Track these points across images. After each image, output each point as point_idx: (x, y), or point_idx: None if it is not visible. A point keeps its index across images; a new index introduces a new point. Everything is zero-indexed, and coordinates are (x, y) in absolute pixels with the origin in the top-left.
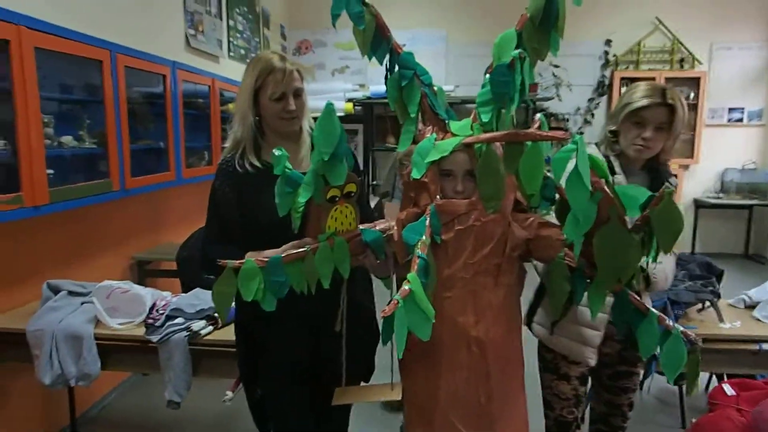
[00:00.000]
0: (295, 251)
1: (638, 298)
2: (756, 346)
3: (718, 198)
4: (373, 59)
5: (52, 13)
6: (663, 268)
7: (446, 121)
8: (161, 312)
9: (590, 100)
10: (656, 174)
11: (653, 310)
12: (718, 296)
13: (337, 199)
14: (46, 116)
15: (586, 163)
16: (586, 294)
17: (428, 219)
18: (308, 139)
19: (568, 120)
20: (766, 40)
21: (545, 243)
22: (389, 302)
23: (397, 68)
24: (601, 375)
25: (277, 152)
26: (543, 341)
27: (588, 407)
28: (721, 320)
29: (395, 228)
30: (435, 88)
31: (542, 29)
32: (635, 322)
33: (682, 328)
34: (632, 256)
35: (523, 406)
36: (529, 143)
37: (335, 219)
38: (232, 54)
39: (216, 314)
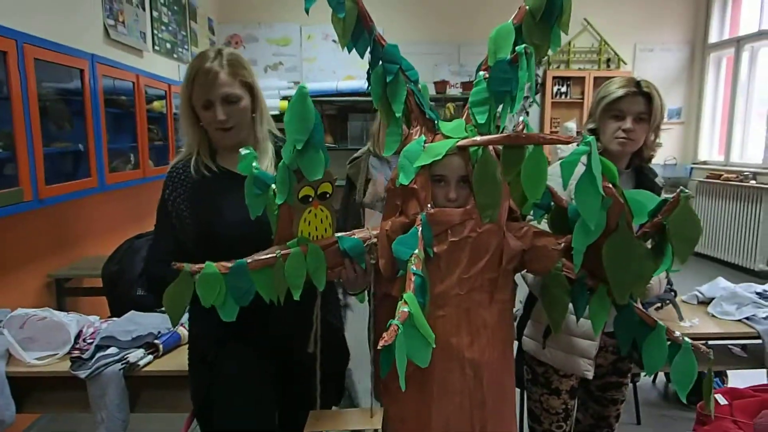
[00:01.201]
0: (263, 257)
1: (644, 310)
2: (714, 343)
3: None
4: (348, 52)
5: None
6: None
7: (435, 122)
8: (89, 341)
9: (525, 98)
10: (641, 173)
11: (661, 322)
12: (675, 294)
13: (311, 199)
14: None
15: (598, 167)
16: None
17: (420, 230)
18: (270, 147)
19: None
20: (684, 42)
21: (541, 254)
22: (388, 327)
23: (380, 63)
24: (590, 386)
25: (243, 151)
26: (534, 355)
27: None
28: (681, 318)
29: (378, 238)
30: (420, 86)
31: (543, 24)
32: (641, 335)
33: (692, 341)
34: (645, 267)
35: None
36: (530, 147)
37: (308, 223)
38: (157, 48)
39: (155, 341)
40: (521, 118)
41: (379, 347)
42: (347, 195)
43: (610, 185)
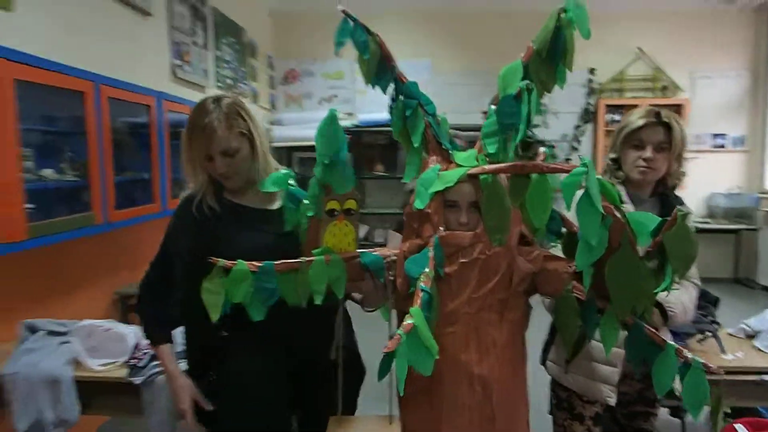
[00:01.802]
0: (289, 261)
1: (653, 330)
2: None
3: (706, 223)
4: (372, 87)
5: (33, 44)
6: (681, 300)
7: (450, 152)
8: (145, 351)
9: (576, 127)
10: (666, 201)
11: (671, 342)
12: (718, 325)
13: (336, 213)
14: (25, 149)
15: (596, 186)
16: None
17: (431, 251)
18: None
19: (555, 147)
20: (744, 68)
21: (552, 276)
22: (391, 337)
23: (401, 98)
24: (617, 415)
25: (283, 170)
26: (557, 379)
27: None
28: (723, 351)
29: (397, 257)
30: (439, 118)
31: (549, 62)
32: (651, 355)
33: (702, 360)
34: (646, 285)
35: None
36: (535, 176)
37: (333, 235)
38: (219, 84)
39: None
40: (548, 150)
41: (382, 353)
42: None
43: (611, 205)
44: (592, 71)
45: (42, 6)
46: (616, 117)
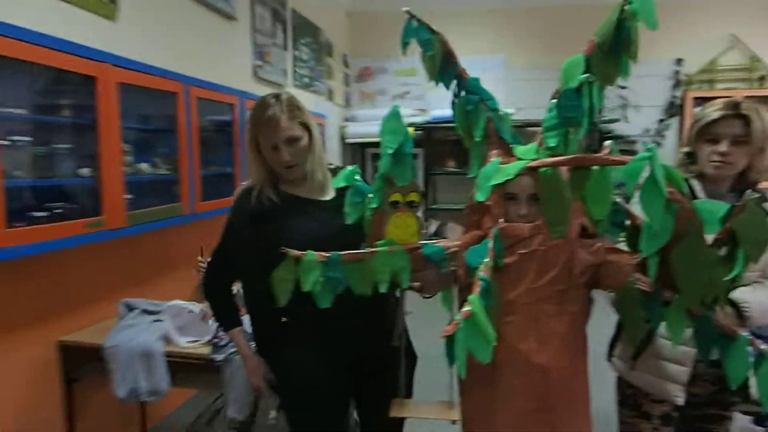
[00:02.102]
0: (355, 252)
1: (723, 321)
2: None
3: None
4: (436, 84)
5: (133, 50)
6: (759, 299)
7: (511, 146)
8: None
9: (660, 121)
10: None
11: (741, 332)
12: None
13: (399, 205)
14: (126, 145)
15: (661, 170)
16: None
17: (491, 242)
18: (329, 174)
19: (636, 142)
20: None
21: (614, 268)
22: (450, 322)
23: (463, 93)
24: (688, 417)
25: (349, 167)
26: (623, 376)
27: None
28: None
29: (458, 248)
30: (501, 113)
31: (612, 54)
32: (722, 347)
33: None
34: (716, 273)
35: None
36: (596, 168)
37: (397, 226)
38: (297, 82)
39: None
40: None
41: (441, 336)
42: None
43: (677, 191)
44: (678, 62)
45: (141, 15)
46: None
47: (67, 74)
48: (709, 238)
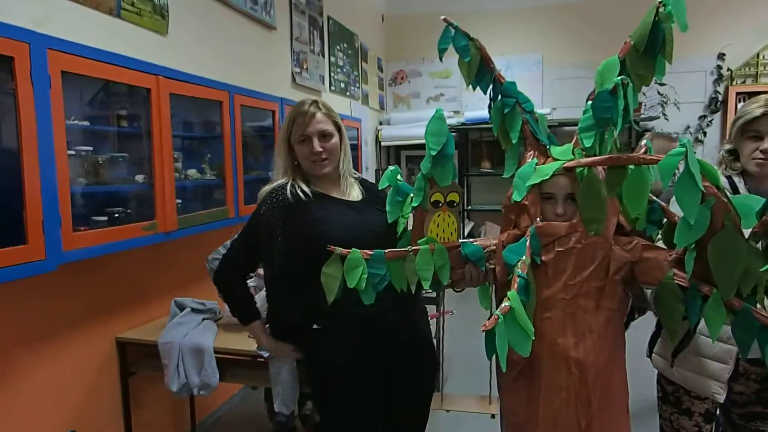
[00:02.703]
0: (398, 250)
1: (763, 313)
2: None
3: None
4: (473, 89)
5: (182, 62)
6: None
7: (547, 147)
8: None
9: (701, 117)
10: None
11: None
12: None
13: (441, 204)
14: (175, 152)
15: (696, 165)
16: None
17: (528, 240)
18: (354, 180)
19: (676, 140)
20: None
21: (651, 264)
22: (489, 317)
23: (500, 97)
24: (732, 414)
25: (390, 167)
26: (663, 373)
27: None
28: None
29: (496, 247)
30: (536, 115)
31: (647, 56)
32: (763, 339)
33: None
34: (752, 265)
35: None
36: (632, 167)
37: (437, 225)
38: (333, 88)
39: None
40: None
41: (480, 331)
42: None
43: (712, 186)
44: (721, 56)
45: (188, 29)
46: None
47: (124, 87)
48: (747, 232)
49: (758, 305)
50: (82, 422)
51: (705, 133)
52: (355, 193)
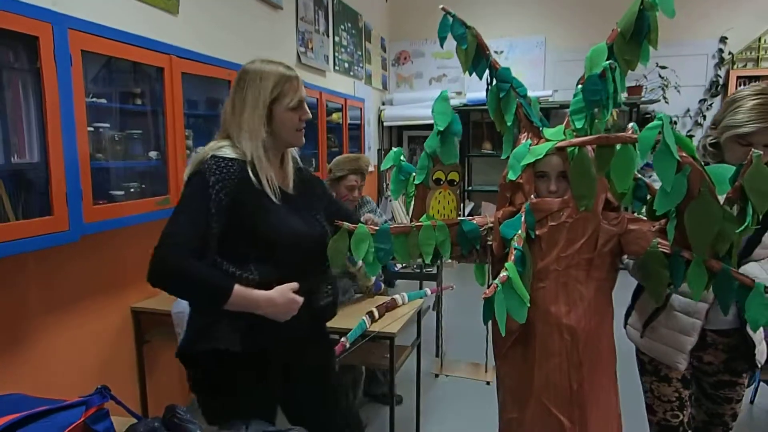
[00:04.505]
0: (402, 225)
1: (740, 273)
2: None
3: None
4: (469, 75)
5: (192, 41)
6: None
7: (540, 128)
8: None
9: (702, 101)
10: None
11: (759, 281)
12: None
13: (442, 182)
14: (186, 130)
15: (671, 136)
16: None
17: (524, 216)
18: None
19: (676, 123)
20: None
21: (636, 235)
22: (488, 286)
23: (495, 82)
24: (703, 383)
25: (394, 149)
26: (634, 342)
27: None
28: None
29: (494, 224)
30: (530, 99)
31: (633, 42)
32: (741, 297)
33: None
34: (727, 228)
35: (615, 396)
36: (619, 146)
37: (438, 202)
38: (337, 68)
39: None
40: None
41: (481, 298)
42: None
43: (688, 155)
44: (723, 40)
45: (198, 9)
46: None
47: (139, 66)
48: (722, 199)
49: None
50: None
51: (704, 117)
52: (291, 177)
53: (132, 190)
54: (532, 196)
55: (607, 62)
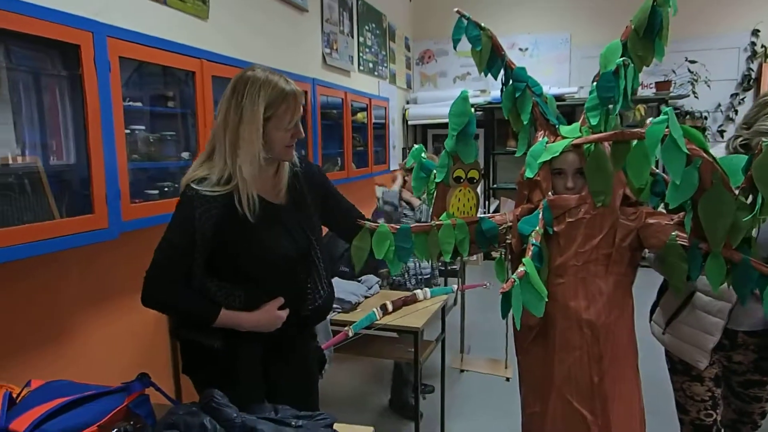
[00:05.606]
0: (422, 224)
1: (760, 263)
2: None
3: None
4: (485, 76)
5: (222, 45)
6: None
7: (556, 126)
8: None
9: (733, 95)
10: None
11: None
12: None
13: (462, 180)
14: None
15: (678, 129)
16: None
17: (541, 213)
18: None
19: (706, 118)
20: None
21: (655, 229)
22: (506, 280)
23: (511, 82)
24: (731, 382)
25: (416, 146)
26: (657, 338)
27: None
28: None
29: (512, 221)
30: (546, 98)
31: (646, 38)
32: (762, 287)
33: None
34: (740, 218)
35: (637, 388)
36: (635, 141)
37: (458, 199)
38: (361, 68)
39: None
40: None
41: (499, 293)
42: None
43: (698, 148)
44: (755, 33)
45: (227, 14)
46: None
47: (170, 69)
48: (736, 190)
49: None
50: None
51: (737, 111)
52: (284, 188)
53: (166, 189)
54: (549, 193)
55: (620, 59)
